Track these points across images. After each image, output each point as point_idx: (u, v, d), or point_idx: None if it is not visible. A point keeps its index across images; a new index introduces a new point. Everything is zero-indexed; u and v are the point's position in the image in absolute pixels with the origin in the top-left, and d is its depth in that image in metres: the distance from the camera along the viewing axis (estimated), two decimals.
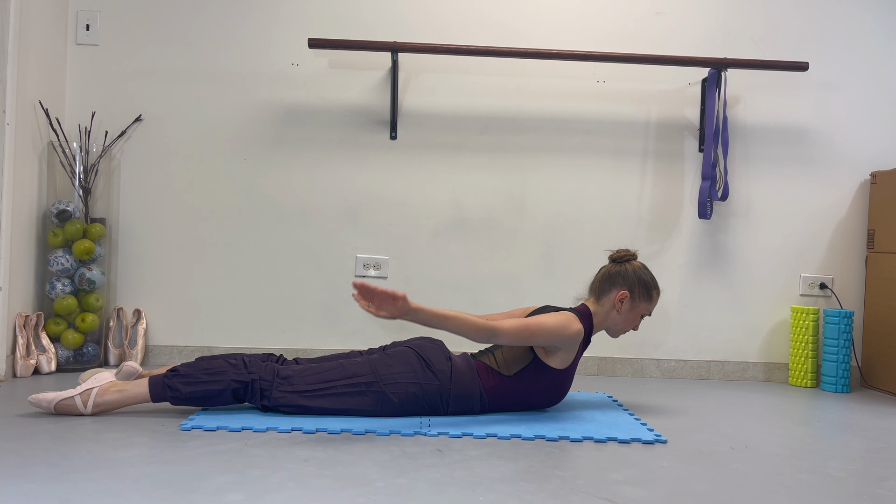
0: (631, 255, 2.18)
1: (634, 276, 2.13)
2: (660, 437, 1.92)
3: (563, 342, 2.02)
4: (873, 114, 2.94)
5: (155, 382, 1.95)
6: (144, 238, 2.82)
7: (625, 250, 2.19)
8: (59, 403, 1.93)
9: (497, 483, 1.53)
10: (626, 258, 2.17)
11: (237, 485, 1.46)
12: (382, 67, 2.84)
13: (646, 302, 2.14)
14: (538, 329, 1.97)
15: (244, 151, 2.83)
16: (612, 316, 2.14)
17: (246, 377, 1.96)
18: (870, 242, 2.90)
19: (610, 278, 2.14)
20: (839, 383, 2.74)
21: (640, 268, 2.15)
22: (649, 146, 2.90)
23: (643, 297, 2.13)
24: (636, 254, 2.20)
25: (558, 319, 2.01)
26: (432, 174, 2.86)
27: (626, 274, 2.13)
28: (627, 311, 2.13)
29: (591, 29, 2.89)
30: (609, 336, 2.27)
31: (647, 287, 2.13)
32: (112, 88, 2.81)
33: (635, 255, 2.19)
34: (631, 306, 2.13)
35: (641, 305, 2.14)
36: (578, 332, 2.02)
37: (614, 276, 2.14)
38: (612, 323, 2.15)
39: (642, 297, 2.13)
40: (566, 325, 2.00)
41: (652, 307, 2.16)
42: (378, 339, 2.84)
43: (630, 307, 2.13)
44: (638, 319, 2.16)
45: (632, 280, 2.12)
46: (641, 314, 2.15)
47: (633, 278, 2.12)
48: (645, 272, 2.15)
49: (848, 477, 1.67)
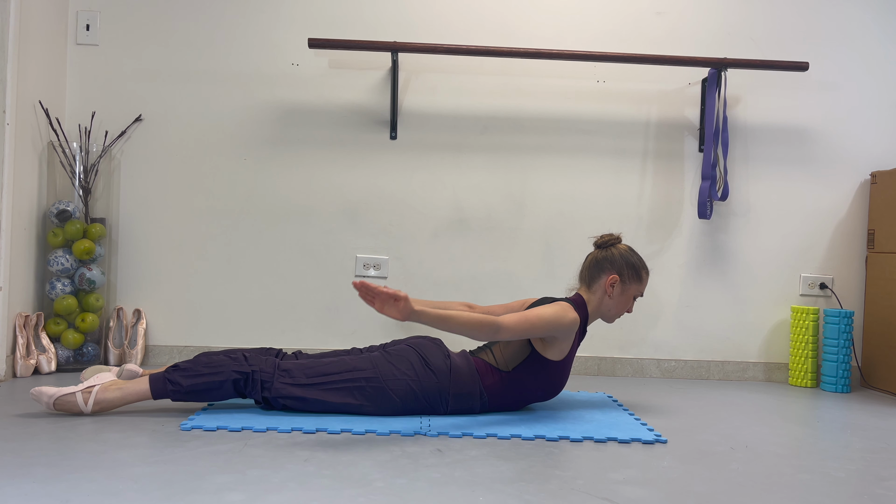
0: (615, 238, 2.19)
1: (622, 259, 2.14)
2: (660, 437, 1.92)
3: (560, 332, 2.03)
4: (873, 114, 2.94)
5: (155, 378, 1.95)
6: (144, 238, 2.82)
7: (608, 235, 2.20)
8: (59, 399, 1.92)
9: (497, 483, 1.53)
10: (610, 242, 2.18)
11: (237, 485, 1.46)
12: (382, 67, 2.84)
13: (636, 283, 2.15)
14: (537, 321, 1.98)
15: (244, 151, 2.83)
16: (605, 302, 2.15)
17: (246, 368, 1.97)
18: (870, 242, 2.90)
19: (598, 264, 2.16)
20: (839, 383, 2.74)
21: (627, 250, 2.16)
22: (649, 146, 2.90)
23: (633, 278, 2.14)
24: (620, 237, 2.21)
25: (555, 310, 2.02)
26: (432, 174, 2.86)
27: (612, 258, 2.14)
28: (619, 294, 2.14)
29: (591, 29, 2.89)
30: (605, 322, 2.28)
31: (635, 269, 2.14)
32: (112, 88, 2.81)
33: (619, 239, 2.20)
34: (622, 290, 2.14)
35: (632, 287, 2.15)
36: (574, 320, 2.04)
37: (602, 262, 2.15)
38: (606, 308, 2.16)
39: (632, 280, 2.14)
40: (562, 314, 2.02)
41: (643, 287, 2.17)
42: (378, 339, 2.84)
43: (621, 290, 2.14)
44: (631, 302, 2.17)
45: (619, 263, 2.13)
46: (633, 296, 2.17)
47: (620, 262, 2.14)
48: (632, 254, 2.16)
49: (848, 477, 1.67)
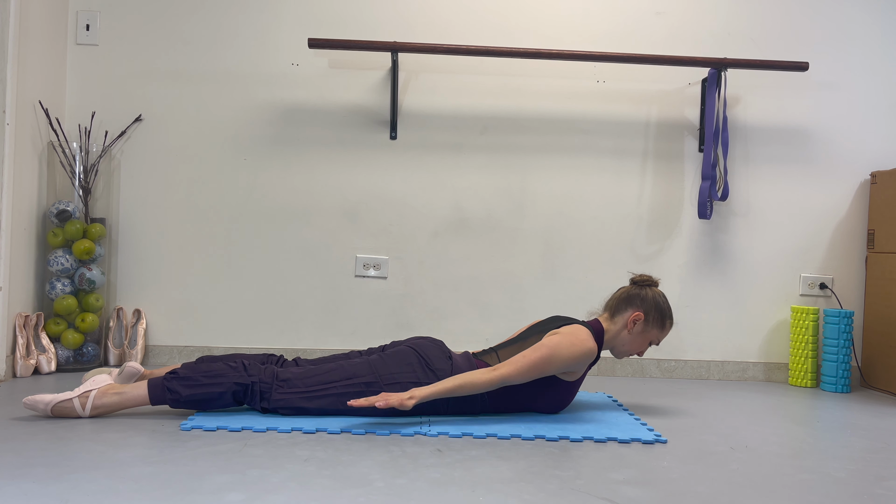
0: (653, 281, 2.20)
1: (653, 301, 2.14)
2: (660, 437, 1.92)
3: (577, 365, 2.03)
4: (873, 114, 2.94)
5: (154, 385, 1.94)
6: (144, 238, 2.82)
7: (647, 275, 2.20)
8: (56, 406, 1.91)
9: (497, 483, 1.53)
10: (647, 282, 2.18)
11: (237, 485, 1.46)
12: (382, 67, 2.84)
13: (657, 329, 2.15)
14: (551, 361, 1.99)
15: (244, 151, 2.83)
16: (622, 335, 2.14)
17: (246, 380, 1.96)
18: (870, 242, 2.90)
19: (628, 298, 2.15)
20: (839, 383, 2.74)
21: (660, 295, 2.16)
22: (649, 146, 2.90)
23: (657, 323, 2.14)
24: (658, 281, 2.21)
25: (570, 342, 2.01)
26: (432, 174, 2.86)
27: (644, 297, 2.14)
28: (638, 333, 2.13)
29: (591, 29, 2.89)
30: (613, 356, 2.28)
31: (662, 314, 2.14)
32: (112, 88, 2.81)
33: (657, 283, 2.20)
34: (643, 329, 2.13)
35: (653, 332, 2.15)
36: (592, 351, 2.03)
37: (633, 297, 2.15)
38: (621, 343, 2.15)
39: (655, 323, 2.14)
40: (579, 346, 2.01)
41: (662, 336, 2.17)
42: (378, 339, 2.84)
43: (642, 330, 2.13)
44: (646, 345, 2.16)
45: (650, 304, 2.13)
46: (650, 340, 2.16)
47: (651, 302, 2.13)
48: (663, 300, 2.16)
49: (848, 477, 1.67)
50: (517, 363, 1.97)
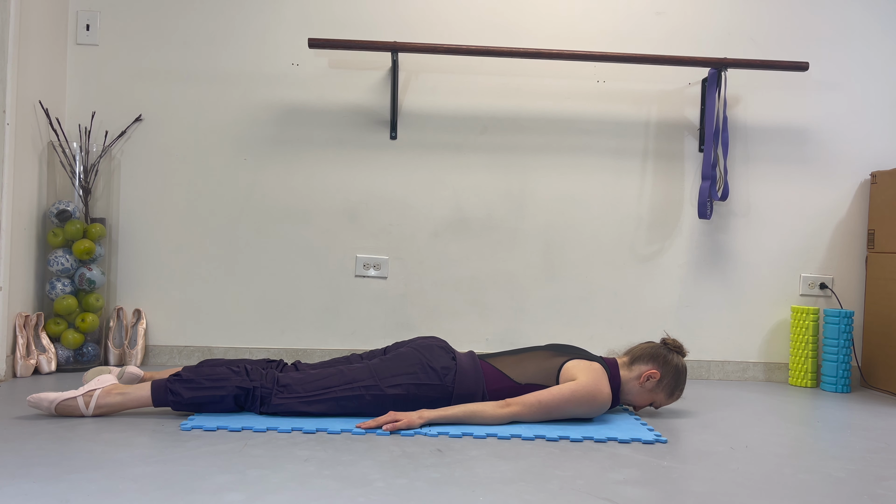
0: (683, 350, 2.20)
1: (675, 368, 2.14)
2: (660, 437, 1.92)
3: (590, 412, 2.04)
4: (873, 114, 2.94)
5: (157, 387, 1.95)
6: (144, 238, 2.82)
7: (680, 343, 2.20)
8: (60, 404, 1.92)
9: (497, 483, 1.53)
10: (677, 349, 2.19)
11: (237, 485, 1.46)
12: (382, 67, 2.84)
13: (665, 394, 2.15)
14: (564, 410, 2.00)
15: (244, 151, 2.83)
16: (631, 384, 2.14)
17: (248, 384, 1.97)
18: (870, 242, 2.90)
19: (653, 355, 2.15)
20: (839, 383, 2.74)
21: (683, 366, 2.16)
22: (649, 146, 2.90)
23: (667, 388, 2.14)
24: (687, 352, 2.21)
25: (591, 394, 2.00)
26: (432, 174, 2.86)
27: (668, 361, 2.14)
28: (647, 390, 2.13)
29: (591, 29, 2.89)
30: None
31: (676, 384, 2.15)
32: (112, 88, 2.81)
33: (686, 353, 2.20)
34: (653, 388, 2.13)
35: (660, 394, 2.15)
36: (607, 400, 2.02)
37: (657, 356, 2.15)
38: (628, 391, 2.15)
39: (666, 389, 2.14)
40: (599, 401, 2.01)
41: (666, 403, 2.17)
42: (378, 339, 2.83)
43: (652, 388, 2.13)
44: (647, 403, 2.16)
45: (670, 370, 2.13)
46: (653, 401, 2.16)
47: (671, 369, 2.13)
48: (684, 371, 2.16)
49: (848, 477, 1.67)
50: (531, 405, 1.98)
